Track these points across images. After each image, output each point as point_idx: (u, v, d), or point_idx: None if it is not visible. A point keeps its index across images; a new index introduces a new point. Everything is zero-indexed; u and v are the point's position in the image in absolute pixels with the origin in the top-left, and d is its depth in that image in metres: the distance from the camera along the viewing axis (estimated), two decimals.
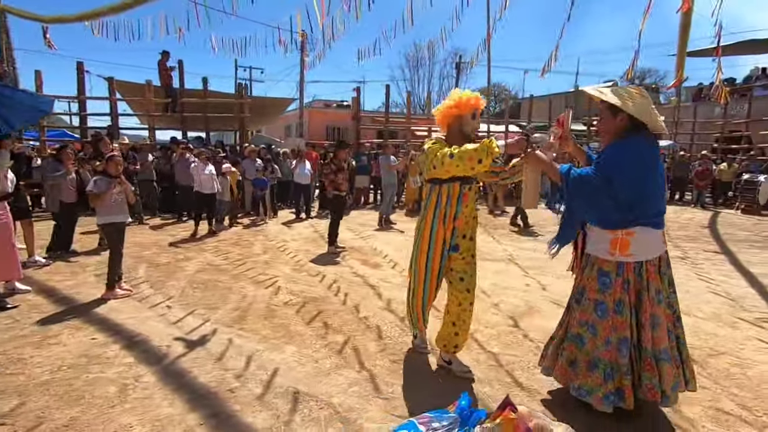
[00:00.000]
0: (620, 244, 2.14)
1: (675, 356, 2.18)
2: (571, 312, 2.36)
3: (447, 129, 2.66)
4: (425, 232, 2.65)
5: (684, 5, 4.98)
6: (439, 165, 2.38)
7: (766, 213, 10.84)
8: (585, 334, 2.22)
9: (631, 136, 2.14)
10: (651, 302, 2.14)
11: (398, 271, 5.30)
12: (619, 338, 2.13)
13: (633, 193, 2.06)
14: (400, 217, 9.75)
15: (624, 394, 2.10)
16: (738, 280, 5.20)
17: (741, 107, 15.20)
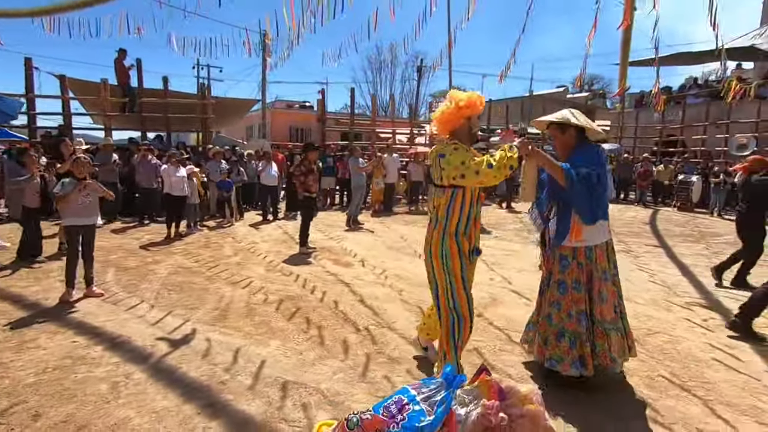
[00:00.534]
0: (575, 232, 2.53)
1: (620, 327, 2.59)
2: (543, 296, 2.75)
3: (453, 131, 2.52)
4: (455, 262, 2.47)
5: (624, 23, 5.52)
6: (472, 174, 2.31)
7: (699, 210, 11.97)
8: (552, 311, 2.62)
9: (585, 143, 2.55)
10: (599, 281, 2.55)
11: (369, 269, 5.52)
12: (578, 311, 2.53)
13: (604, 188, 2.49)
14: (367, 217, 9.97)
15: (586, 362, 2.49)
16: (673, 270, 5.83)
17: (676, 114, 16.60)
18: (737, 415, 2.39)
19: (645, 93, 19.29)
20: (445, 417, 1.42)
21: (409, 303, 4.23)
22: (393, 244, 7.11)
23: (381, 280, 5.01)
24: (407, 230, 8.52)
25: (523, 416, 1.48)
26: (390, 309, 4.04)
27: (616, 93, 13.39)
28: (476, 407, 1.49)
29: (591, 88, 39.05)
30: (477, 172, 2.30)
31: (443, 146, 2.48)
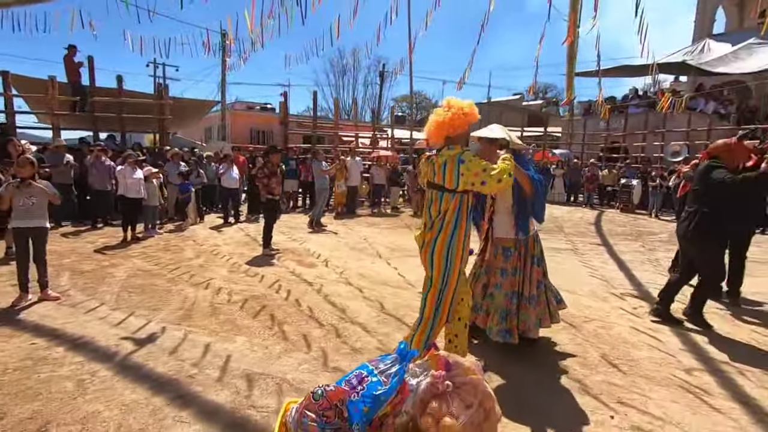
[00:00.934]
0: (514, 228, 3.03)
1: (543, 300, 3.11)
2: (480, 279, 3.20)
3: (455, 137, 2.54)
4: (457, 263, 2.57)
5: (568, 40, 6.03)
6: (494, 182, 2.40)
7: (639, 211, 12.96)
8: (495, 292, 3.08)
9: (514, 152, 2.91)
10: (531, 265, 3.08)
11: (332, 269, 5.68)
12: (513, 291, 3.04)
13: None
14: (330, 220, 10.10)
15: (512, 332, 2.99)
16: (612, 265, 6.39)
17: (620, 122, 17.86)
18: (652, 385, 2.77)
19: (592, 102, 20.62)
20: (399, 386, 1.63)
21: (371, 300, 4.43)
22: (355, 245, 7.30)
23: (343, 279, 5.18)
24: (369, 232, 8.73)
25: (466, 384, 1.72)
26: (352, 305, 4.22)
27: (563, 103, 14.27)
28: (426, 377, 1.71)
29: (545, 96, 41.04)
30: (499, 180, 2.40)
31: (457, 152, 2.48)
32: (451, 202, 2.52)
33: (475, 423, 1.63)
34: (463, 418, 1.61)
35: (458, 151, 2.49)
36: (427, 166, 2.65)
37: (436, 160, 2.55)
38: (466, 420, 1.62)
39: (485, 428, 1.66)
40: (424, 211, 2.72)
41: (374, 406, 1.56)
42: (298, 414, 1.64)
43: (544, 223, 3.44)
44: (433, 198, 2.60)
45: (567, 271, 5.83)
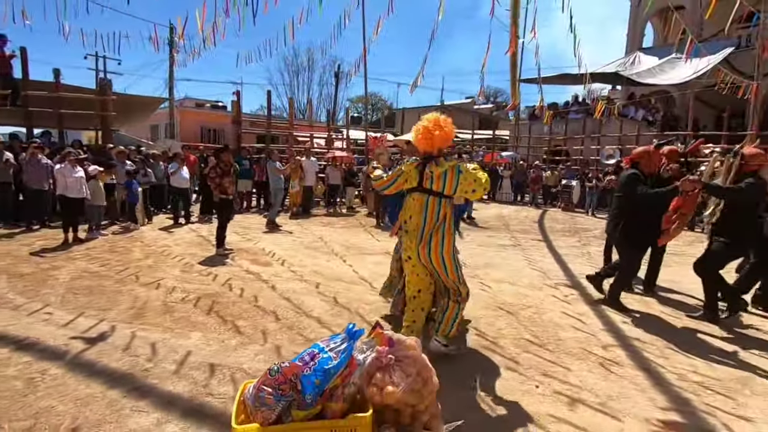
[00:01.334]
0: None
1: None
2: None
3: (442, 150, 2.93)
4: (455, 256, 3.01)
5: (510, 49, 6.50)
6: (481, 189, 2.84)
7: (578, 210, 13.96)
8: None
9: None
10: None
11: (287, 267, 5.78)
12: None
13: None
14: (285, 219, 10.11)
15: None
16: (550, 259, 6.94)
17: (561, 127, 19.09)
18: (573, 360, 3.16)
19: (537, 107, 21.88)
20: (347, 361, 1.83)
21: (325, 295, 4.60)
22: (311, 244, 7.41)
23: (299, 277, 5.31)
24: (325, 231, 8.85)
25: (406, 357, 1.95)
26: (307, 300, 4.37)
27: (508, 108, 15.10)
28: (371, 353, 1.93)
29: (495, 100, 42.78)
30: (485, 189, 2.82)
31: (455, 164, 2.88)
32: (448, 207, 2.91)
33: (414, 390, 1.87)
34: (403, 386, 1.85)
35: (455, 163, 2.88)
36: (414, 173, 2.93)
37: (435, 169, 2.85)
38: (406, 387, 1.85)
39: (424, 393, 1.90)
40: (410, 216, 2.95)
41: (325, 378, 1.76)
42: (255, 390, 1.80)
43: (493, 221, 3.84)
44: (427, 203, 2.88)
45: (510, 265, 6.29)
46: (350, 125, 17.82)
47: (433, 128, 2.85)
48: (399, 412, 1.90)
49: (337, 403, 1.80)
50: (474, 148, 19.53)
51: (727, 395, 2.74)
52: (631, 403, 2.59)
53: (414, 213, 2.93)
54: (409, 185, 2.99)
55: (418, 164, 2.95)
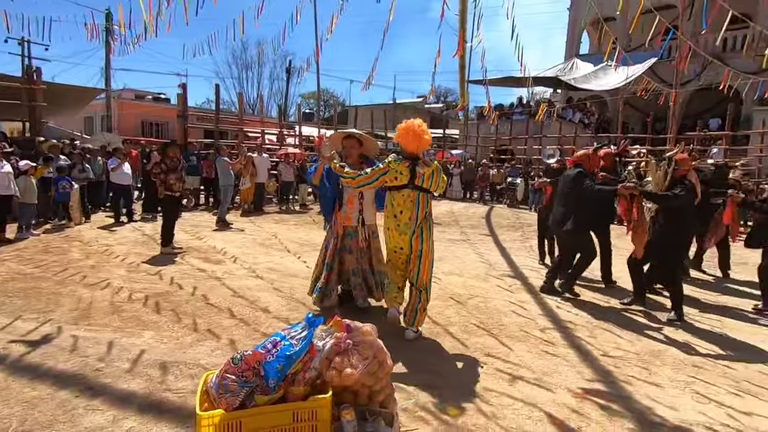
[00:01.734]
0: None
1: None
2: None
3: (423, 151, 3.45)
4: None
5: (458, 53, 6.82)
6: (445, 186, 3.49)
7: (522, 206, 14.77)
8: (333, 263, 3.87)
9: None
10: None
11: (240, 264, 5.73)
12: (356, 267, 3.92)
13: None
14: (236, 217, 9.91)
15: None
16: (496, 252, 7.37)
17: (506, 127, 20.05)
18: (514, 342, 3.47)
19: (484, 108, 22.80)
20: (308, 347, 1.94)
21: (282, 291, 4.64)
22: (264, 242, 7.36)
23: (253, 274, 5.29)
24: (278, 228, 8.79)
25: (363, 342, 2.09)
26: (263, 297, 4.40)
27: (456, 109, 15.67)
28: (330, 339, 2.06)
29: (445, 100, 43.89)
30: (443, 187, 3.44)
31: (436, 163, 3.39)
32: (430, 202, 3.40)
33: (371, 371, 2.02)
34: (360, 368, 1.99)
35: (436, 164, 3.39)
36: (406, 171, 3.27)
37: (426, 170, 3.28)
38: (363, 369, 1.99)
39: (380, 375, 2.06)
40: (402, 210, 3.31)
41: (287, 364, 1.86)
42: (218, 378, 1.86)
43: (444, 217, 4.17)
44: (419, 199, 3.31)
45: (459, 258, 6.62)
46: (302, 121, 17.65)
47: (422, 133, 3.28)
48: (357, 393, 2.05)
49: (298, 387, 1.91)
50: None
51: (642, 366, 3.14)
52: (562, 377, 2.91)
53: (405, 208, 3.30)
54: (399, 182, 3.30)
55: (409, 164, 3.29)
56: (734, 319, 4.34)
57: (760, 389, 2.89)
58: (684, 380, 2.95)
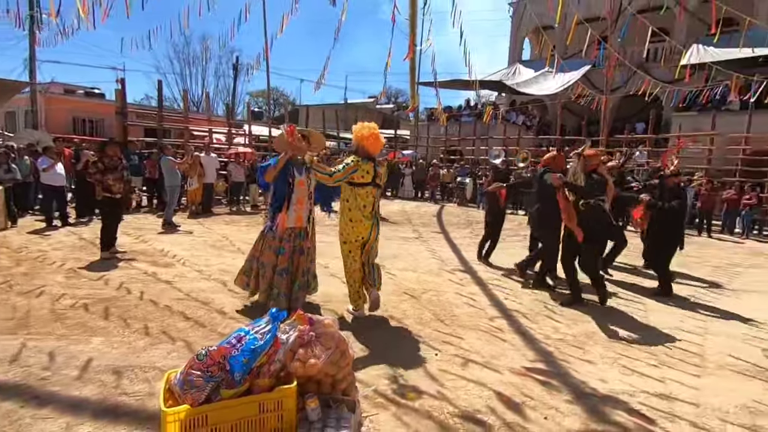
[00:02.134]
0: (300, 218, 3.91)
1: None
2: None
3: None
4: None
5: (408, 55, 7.03)
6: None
7: (471, 205, 15.38)
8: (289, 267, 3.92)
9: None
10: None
11: (191, 267, 5.57)
12: (283, 268, 3.91)
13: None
14: (183, 219, 9.55)
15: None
16: (447, 249, 7.68)
17: (455, 129, 20.75)
18: (466, 330, 3.70)
19: (434, 109, 23.43)
20: (272, 341, 2.00)
21: (237, 292, 4.57)
22: (215, 243, 7.18)
23: (205, 276, 5.17)
24: (229, 230, 8.59)
25: (325, 334, 2.18)
26: (217, 298, 4.33)
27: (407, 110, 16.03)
28: (294, 332, 2.13)
29: (396, 100, 44.47)
30: None
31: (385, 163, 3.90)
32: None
33: (333, 361, 2.12)
34: (323, 358, 2.08)
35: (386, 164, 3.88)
36: (371, 170, 3.65)
37: (383, 169, 3.80)
38: (326, 359, 2.09)
39: (341, 364, 2.16)
40: (365, 204, 3.67)
41: (252, 357, 1.91)
42: (182, 375, 1.88)
43: (397, 216, 4.36)
44: (377, 195, 3.77)
45: (412, 255, 6.84)
46: (252, 120, 17.23)
47: (378, 136, 3.72)
48: (320, 383, 2.14)
49: (263, 379, 1.97)
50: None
51: (578, 346, 3.48)
52: (509, 359, 3.17)
53: (368, 203, 3.69)
54: (365, 180, 3.65)
55: (372, 164, 3.67)
56: (656, 302, 4.87)
57: (674, 360, 3.31)
58: (612, 357, 3.31)
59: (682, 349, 3.53)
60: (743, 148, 12.67)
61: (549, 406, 2.55)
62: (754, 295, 5.46)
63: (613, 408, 2.55)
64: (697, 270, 6.72)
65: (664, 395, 2.73)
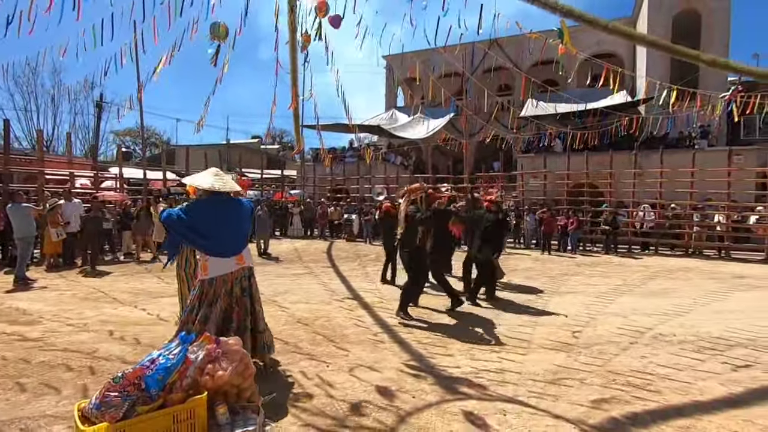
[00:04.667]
0: (202, 267, 3.42)
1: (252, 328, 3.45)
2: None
3: None
4: None
5: (292, 106, 7.66)
6: None
7: (359, 239, 16.28)
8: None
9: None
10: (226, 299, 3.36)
11: (64, 321, 5.18)
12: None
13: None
14: (40, 273, 8.53)
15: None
16: (337, 280, 8.25)
17: (341, 168, 21.90)
18: (353, 345, 4.29)
19: (319, 151, 24.42)
20: (183, 359, 2.32)
21: (124, 338, 4.49)
22: (88, 296, 6.67)
23: (83, 328, 4.90)
24: (101, 282, 7.95)
25: (230, 351, 2.55)
26: (103, 347, 4.21)
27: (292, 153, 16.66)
28: (202, 351, 2.47)
29: (281, 141, 44.74)
30: None
31: None
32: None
33: (238, 372, 2.50)
34: (230, 369, 2.45)
35: None
36: None
37: None
38: (233, 370, 2.46)
39: (245, 375, 2.55)
40: None
41: (166, 374, 2.21)
42: (98, 399, 2.09)
43: (286, 254, 4.68)
44: None
45: (304, 289, 7.26)
46: (122, 162, 15.97)
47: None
48: (227, 393, 2.50)
49: (176, 394, 2.28)
50: (264, 187, 20.29)
51: (442, 346, 4.31)
52: (388, 361, 3.83)
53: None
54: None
55: None
56: (503, 310, 6.09)
57: (509, 347, 4.33)
58: (466, 349, 4.21)
59: (516, 338, 4.61)
60: (566, 182, 15.98)
61: (417, 389, 3.24)
62: (572, 295, 7.10)
63: (461, 384, 3.36)
64: (536, 280, 8.39)
65: (498, 370, 3.65)
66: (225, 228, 3.35)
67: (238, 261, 3.39)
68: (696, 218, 13.52)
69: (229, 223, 3.38)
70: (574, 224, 13.50)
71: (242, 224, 3.51)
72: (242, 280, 3.41)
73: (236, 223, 3.44)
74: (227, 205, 3.45)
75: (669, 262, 11.45)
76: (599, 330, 4.98)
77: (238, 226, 3.47)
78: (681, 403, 3.15)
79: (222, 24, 6.17)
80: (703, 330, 4.99)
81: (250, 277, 3.50)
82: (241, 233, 3.53)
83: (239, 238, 3.48)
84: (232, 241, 3.39)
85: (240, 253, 3.43)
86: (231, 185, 3.51)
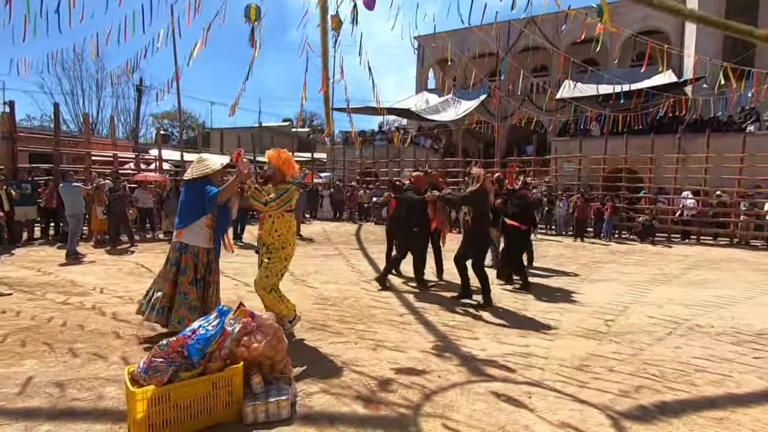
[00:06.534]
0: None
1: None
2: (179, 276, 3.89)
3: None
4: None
5: (322, 89, 7.71)
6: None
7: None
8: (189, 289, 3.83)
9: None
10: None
11: (111, 294, 5.54)
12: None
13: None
14: (89, 249, 9.10)
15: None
16: (365, 262, 8.39)
17: (370, 152, 21.92)
18: (380, 325, 4.40)
19: (349, 134, 24.51)
20: (221, 331, 2.48)
21: None
22: (133, 271, 7.08)
23: (130, 300, 5.23)
24: (143, 258, 8.39)
25: (264, 324, 2.70)
26: None
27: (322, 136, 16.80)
28: (238, 324, 2.61)
29: (311, 124, 45.08)
30: None
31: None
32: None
33: (272, 345, 2.64)
34: (264, 342, 2.59)
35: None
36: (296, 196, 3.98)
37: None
38: (267, 343, 2.60)
39: (279, 348, 2.69)
40: (289, 226, 3.93)
41: (206, 344, 2.37)
42: (146, 363, 2.27)
43: (317, 236, 4.80)
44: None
45: (333, 270, 7.43)
46: (162, 144, 16.61)
47: (294, 161, 3.97)
48: (261, 364, 2.64)
49: (215, 362, 2.44)
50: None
51: (468, 329, 4.35)
52: (413, 342, 3.91)
53: (294, 226, 4.04)
54: (292, 207, 3.93)
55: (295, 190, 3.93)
56: (531, 295, 6.03)
57: (537, 332, 4.32)
58: (493, 333, 4.23)
59: (544, 324, 4.59)
60: (602, 167, 15.38)
61: (442, 369, 3.31)
62: (605, 283, 6.93)
63: (488, 366, 3.40)
64: (568, 266, 8.23)
65: (525, 354, 3.67)
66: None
67: (177, 236, 3.92)
68: (743, 206, 12.78)
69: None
70: (609, 210, 13.05)
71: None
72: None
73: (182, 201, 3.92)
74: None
75: (711, 252, 10.94)
76: (632, 319, 4.88)
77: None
78: (715, 394, 3.08)
79: (253, 5, 6.26)
80: (744, 323, 4.80)
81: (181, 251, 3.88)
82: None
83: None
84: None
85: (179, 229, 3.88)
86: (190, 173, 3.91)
